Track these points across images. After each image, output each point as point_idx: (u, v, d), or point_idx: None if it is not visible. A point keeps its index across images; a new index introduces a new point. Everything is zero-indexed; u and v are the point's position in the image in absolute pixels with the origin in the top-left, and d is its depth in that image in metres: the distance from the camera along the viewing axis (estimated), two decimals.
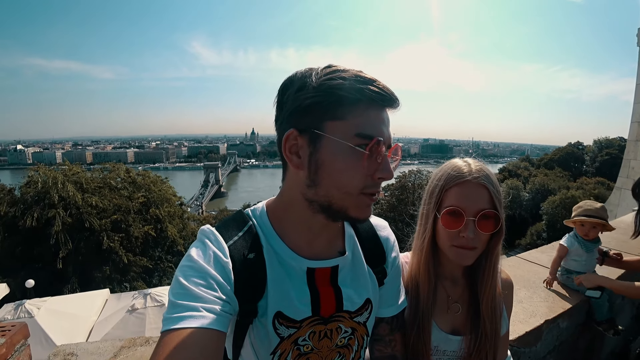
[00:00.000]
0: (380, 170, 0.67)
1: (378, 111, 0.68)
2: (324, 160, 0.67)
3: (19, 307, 6.23)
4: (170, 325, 0.58)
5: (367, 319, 0.85)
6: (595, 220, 2.33)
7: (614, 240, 3.56)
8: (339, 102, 0.65)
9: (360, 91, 0.65)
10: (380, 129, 0.67)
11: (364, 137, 0.65)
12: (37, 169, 12.90)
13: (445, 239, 1.00)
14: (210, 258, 0.68)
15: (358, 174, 0.66)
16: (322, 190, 0.69)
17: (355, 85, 0.65)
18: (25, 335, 1.68)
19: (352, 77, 0.66)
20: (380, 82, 0.67)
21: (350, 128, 0.65)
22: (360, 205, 0.70)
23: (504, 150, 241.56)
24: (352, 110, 0.65)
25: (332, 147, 0.66)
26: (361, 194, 0.68)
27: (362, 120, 0.65)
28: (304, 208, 0.73)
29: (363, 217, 0.72)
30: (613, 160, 35.50)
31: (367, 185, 0.68)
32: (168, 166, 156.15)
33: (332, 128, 0.66)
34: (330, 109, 0.65)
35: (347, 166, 0.66)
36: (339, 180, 0.67)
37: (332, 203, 0.69)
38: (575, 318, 2.32)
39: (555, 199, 27.07)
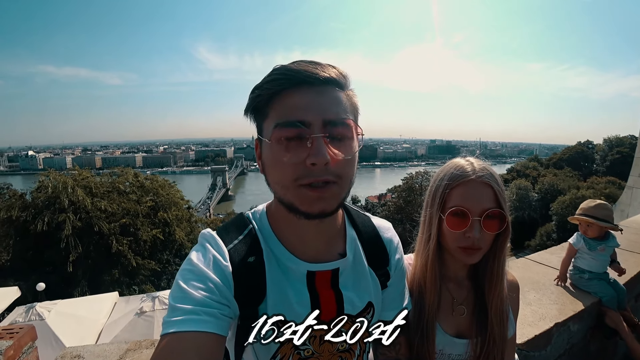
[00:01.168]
0: (310, 156, 0.61)
1: (297, 94, 0.63)
2: (264, 160, 0.69)
3: (30, 310, 6.31)
4: (170, 329, 0.58)
5: None
6: (583, 218, 2.32)
7: (625, 240, 3.48)
8: (259, 101, 0.66)
9: (269, 83, 0.64)
10: (300, 112, 0.62)
11: (282, 127, 0.63)
12: (48, 174, 13.15)
13: (450, 240, 0.97)
14: (210, 262, 0.67)
15: (283, 166, 0.64)
16: (272, 188, 0.70)
17: (267, 79, 0.65)
18: (32, 338, 1.69)
19: (273, 72, 0.66)
20: (300, 65, 0.64)
21: (271, 122, 0.65)
22: (302, 197, 0.64)
23: (511, 151, 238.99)
24: (270, 103, 0.65)
25: (265, 146, 0.67)
26: (300, 187, 0.64)
27: (280, 110, 0.64)
28: (281, 209, 0.73)
29: (313, 211, 0.65)
30: (624, 159, 34.89)
31: (300, 176, 0.63)
32: (176, 170, 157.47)
33: (265, 128, 0.67)
34: (258, 110, 0.68)
35: (274, 161, 0.65)
36: (273, 176, 0.68)
37: (281, 198, 0.69)
38: (587, 321, 2.27)
39: (565, 199, 26.65)
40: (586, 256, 2.41)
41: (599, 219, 2.28)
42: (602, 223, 2.27)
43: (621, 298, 2.35)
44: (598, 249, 2.39)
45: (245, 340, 0.73)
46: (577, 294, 2.36)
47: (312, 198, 0.64)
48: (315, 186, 0.63)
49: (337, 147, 0.63)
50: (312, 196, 0.64)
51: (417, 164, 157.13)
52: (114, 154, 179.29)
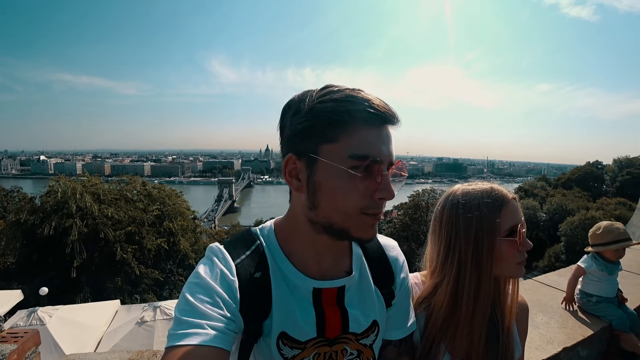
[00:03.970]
0: (380, 190, 0.66)
1: (373, 130, 0.66)
2: (321, 183, 0.67)
3: (31, 314, 6.31)
4: (175, 342, 0.58)
5: (373, 341, 0.82)
6: (634, 242, 2.25)
7: (636, 264, 3.41)
8: (330, 124, 0.65)
9: (350, 112, 0.64)
10: (376, 148, 0.65)
11: (357, 158, 0.64)
12: (58, 179, 13.32)
13: (510, 260, 0.97)
14: (217, 276, 0.68)
15: (355, 196, 0.65)
16: (322, 213, 0.69)
17: (346, 106, 0.65)
18: (36, 343, 1.70)
19: (344, 97, 0.66)
20: (375, 100, 0.66)
21: (344, 150, 0.64)
22: (362, 225, 0.68)
23: (519, 170, 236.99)
24: (344, 131, 0.65)
25: (327, 170, 0.66)
26: (362, 214, 0.67)
27: (355, 141, 0.64)
28: (308, 229, 0.73)
29: (367, 237, 0.70)
30: (634, 180, 34.45)
31: (367, 206, 0.67)
32: (183, 180, 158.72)
33: (326, 151, 0.65)
34: (322, 132, 0.66)
35: (343, 189, 0.65)
36: (337, 203, 0.67)
37: (333, 224, 0.69)
38: (597, 346, 2.20)
39: (574, 219, 26.21)
40: (595, 281, 2.34)
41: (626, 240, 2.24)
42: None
43: (632, 323, 2.27)
44: (617, 272, 2.33)
45: (248, 355, 0.73)
46: (587, 318, 2.29)
47: (369, 225, 0.69)
48: (374, 215, 0.68)
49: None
50: (369, 223, 0.69)
51: (423, 182, 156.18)
52: (123, 162, 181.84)
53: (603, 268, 2.30)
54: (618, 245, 2.23)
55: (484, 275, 0.98)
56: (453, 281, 1.01)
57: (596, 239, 2.32)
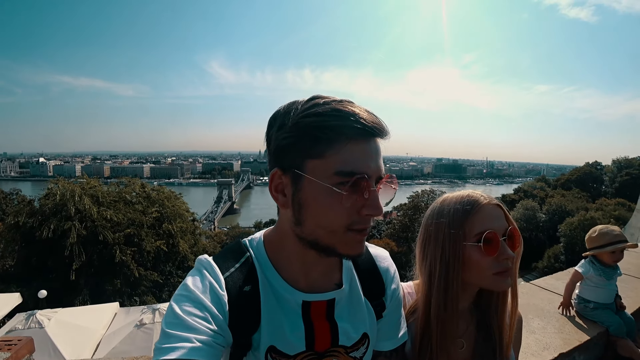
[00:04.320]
0: (368, 207, 0.64)
1: (360, 145, 0.63)
2: (306, 200, 0.65)
3: (30, 317, 6.29)
4: (162, 356, 0.57)
5: (363, 354, 0.82)
6: (629, 245, 2.25)
7: (634, 267, 3.41)
8: (314, 140, 0.63)
9: (335, 128, 0.62)
10: (364, 164, 0.63)
11: (344, 175, 0.62)
12: (57, 181, 13.29)
13: (483, 269, 0.93)
14: (207, 289, 0.67)
15: (340, 213, 0.64)
16: (308, 229, 0.67)
17: (331, 121, 0.62)
18: (30, 350, 1.69)
19: (329, 111, 0.63)
20: (362, 113, 0.64)
21: (329, 166, 0.62)
22: (348, 242, 0.67)
23: (518, 170, 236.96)
24: (329, 147, 0.62)
25: (313, 187, 0.64)
26: (348, 231, 0.66)
27: (342, 157, 0.62)
28: (295, 243, 0.72)
29: (354, 253, 0.69)
30: (634, 181, 34.47)
31: (353, 222, 0.65)
32: (182, 182, 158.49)
33: (312, 167, 0.63)
34: (307, 148, 0.63)
35: (329, 206, 0.64)
36: (322, 220, 0.65)
37: (319, 241, 0.67)
38: (593, 351, 2.20)
39: (573, 220, 26.20)
40: (593, 286, 2.33)
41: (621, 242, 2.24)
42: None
43: (629, 328, 2.27)
44: (615, 277, 2.33)
45: None
46: (583, 323, 2.29)
47: (356, 241, 0.68)
48: (360, 231, 0.67)
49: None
50: (356, 240, 0.68)
51: (423, 182, 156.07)
52: (123, 163, 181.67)
53: (601, 273, 2.29)
54: (613, 247, 2.23)
55: (450, 282, 0.95)
56: (426, 289, 1.01)
57: (592, 242, 2.31)
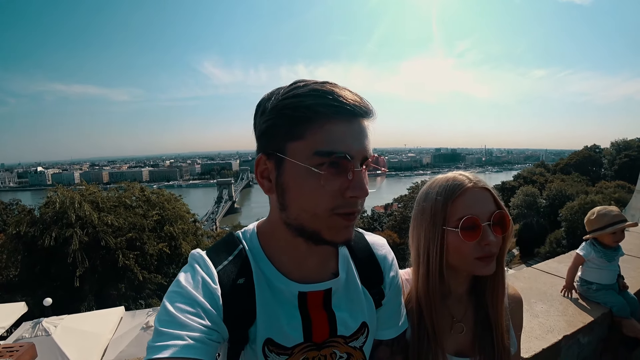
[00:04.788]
0: (352, 188, 0.62)
1: (341, 125, 0.62)
2: (288, 184, 0.64)
3: (36, 326, 6.32)
4: (154, 354, 0.56)
5: (363, 343, 0.81)
6: (629, 224, 2.24)
7: (636, 247, 3.41)
8: (294, 121, 0.62)
9: (312, 107, 0.61)
10: (345, 144, 0.61)
11: (323, 155, 0.61)
12: (56, 189, 13.30)
13: (464, 254, 0.93)
14: (199, 284, 0.66)
15: (322, 195, 0.62)
16: (292, 214, 0.66)
17: (308, 101, 0.61)
18: (32, 356, 1.69)
19: (307, 92, 0.62)
20: (342, 92, 0.63)
21: (309, 147, 0.61)
22: (333, 227, 0.65)
23: (517, 157, 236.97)
24: (309, 128, 0.61)
25: (294, 169, 0.63)
26: (333, 215, 0.63)
27: (321, 136, 0.61)
28: (285, 231, 0.70)
29: (340, 240, 0.67)
30: (632, 162, 34.51)
31: (337, 206, 0.63)
32: (182, 184, 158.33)
33: (293, 149, 0.63)
34: (287, 130, 0.63)
35: (310, 188, 0.62)
36: (304, 203, 0.64)
37: (304, 226, 0.66)
38: (597, 333, 2.21)
39: (573, 204, 26.27)
40: (595, 268, 2.33)
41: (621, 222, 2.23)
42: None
43: (633, 308, 2.27)
44: (617, 258, 2.33)
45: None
46: (586, 305, 2.29)
47: (342, 227, 0.65)
48: (347, 215, 0.64)
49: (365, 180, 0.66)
50: (342, 225, 0.65)
51: (422, 173, 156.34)
52: (121, 168, 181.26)
53: (602, 255, 2.29)
54: (613, 228, 2.22)
55: (431, 267, 0.96)
56: (414, 274, 1.02)
57: (592, 225, 2.31)
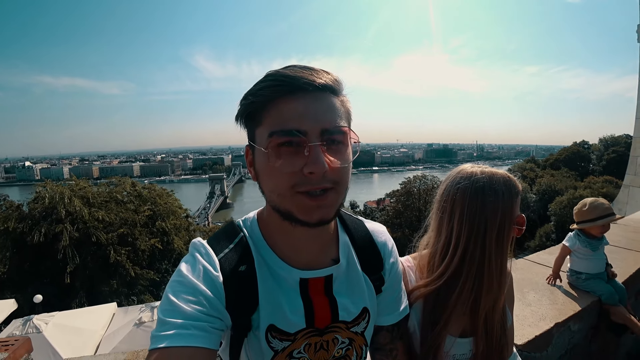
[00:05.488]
0: (308, 164, 0.60)
1: (294, 102, 0.61)
2: (258, 168, 0.68)
3: (27, 323, 6.23)
4: (158, 344, 0.57)
5: (364, 329, 0.82)
6: (618, 217, 2.29)
7: (624, 239, 3.50)
8: (252, 108, 0.65)
9: (263, 89, 0.62)
10: (295, 120, 0.61)
11: (275, 135, 0.61)
12: (45, 184, 13.04)
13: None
14: (200, 273, 0.66)
15: (280, 175, 0.62)
16: (267, 196, 0.69)
17: (259, 85, 0.64)
18: (28, 350, 1.67)
19: (264, 78, 0.65)
20: (296, 71, 0.63)
21: (265, 130, 0.63)
22: (301, 206, 0.64)
23: (508, 152, 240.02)
24: (264, 111, 0.63)
25: (258, 154, 0.66)
26: (297, 194, 0.63)
27: (274, 118, 0.62)
28: (274, 215, 0.71)
29: (310, 220, 0.64)
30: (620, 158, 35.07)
31: (296, 183, 0.62)
32: (174, 179, 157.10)
33: (257, 135, 0.66)
34: (251, 117, 0.66)
35: (269, 169, 0.64)
36: (268, 184, 0.67)
37: (278, 207, 0.67)
38: (587, 320, 2.27)
39: (562, 199, 26.76)
40: (582, 258, 2.39)
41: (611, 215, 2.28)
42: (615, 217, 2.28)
43: (621, 296, 2.34)
44: (601, 247, 2.38)
45: (239, 350, 0.73)
46: (577, 294, 2.35)
47: (311, 207, 0.63)
48: (314, 194, 0.62)
49: (333, 154, 0.63)
50: (311, 205, 0.63)
51: (414, 168, 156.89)
52: (112, 163, 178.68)
53: (586, 245, 2.34)
54: (604, 220, 2.26)
55: (505, 260, 1.02)
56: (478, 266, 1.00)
57: (582, 216, 2.34)
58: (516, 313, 2.02)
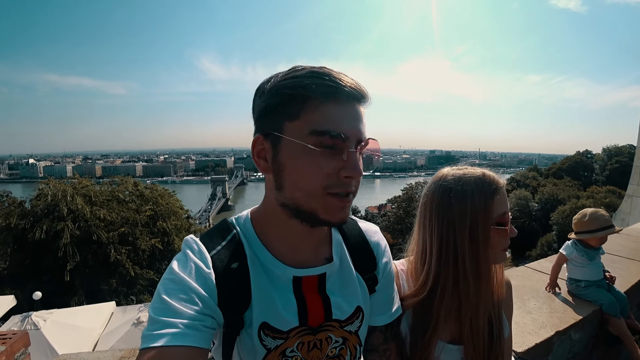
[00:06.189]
0: (346, 168, 0.63)
1: (336, 106, 0.64)
2: (284, 162, 0.65)
3: (25, 319, 6.25)
4: (149, 343, 0.56)
5: (358, 328, 0.81)
6: (617, 229, 2.29)
7: (626, 249, 3.48)
8: (290, 101, 0.63)
9: (309, 87, 0.62)
10: (339, 124, 0.63)
11: (318, 134, 0.62)
12: (48, 182, 13.13)
13: (497, 247, 0.98)
14: (192, 270, 0.65)
15: (316, 173, 0.63)
16: (287, 193, 0.67)
17: (305, 81, 0.63)
18: (25, 344, 1.67)
19: (305, 73, 0.64)
20: (338, 75, 0.65)
21: (305, 126, 0.63)
22: (329, 207, 0.65)
23: (511, 161, 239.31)
24: (304, 107, 0.63)
25: (290, 147, 0.64)
26: (327, 195, 0.64)
27: (317, 116, 0.62)
28: (280, 213, 0.70)
29: (335, 220, 0.67)
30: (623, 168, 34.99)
31: (331, 185, 0.64)
32: (176, 179, 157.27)
33: (289, 128, 0.64)
34: (284, 109, 0.64)
35: (305, 165, 0.63)
36: (299, 181, 0.65)
37: (299, 205, 0.66)
38: (588, 329, 2.25)
39: (565, 208, 26.64)
40: (579, 266, 2.38)
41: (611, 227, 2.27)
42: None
43: (623, 305, 2.32)
44: (598, 256, 2.37)
45: (231, 349, 0.72)
46: (578, 303, 2.33)
47: (337, 207, 0.66)
48: (342, 196, 0.65)
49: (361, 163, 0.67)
50: (338, 206, 0.66)
51: (416, 174, 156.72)
52: (115, 162, 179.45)
53: (583, 254, 2.35)
54: (603, 233, 2.27)
55: (482, 264, 0.97)
56: (453, 271, 0.99)
57: (582, 227, 2.34)
58: (516, 320, 2.01)
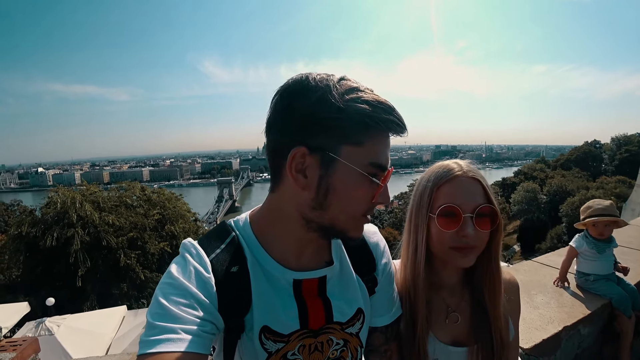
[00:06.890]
0: (382, 196, 0.68)
1: (388, 139, 0.68)
2: (336, 186, 0.65)
3: (39, 325, 6.36)
4: (147, 349, 0.55)
5: (359, 330, 0.82)
6: (607, 218, 2.26)
7: (636, 240, 3.42)
8: (361, 128, 0.63)
9: (383, 121, 0.64)
10: (385, 157, 0.68)
11: (376, 167, 0.66)
12: (57, 190, 13.29)
13: (442, 242, 0.92)
14: (191, 274, 0.64)
15: (366, 201, 0.68)
16: (329, 214, 0.67)
17: (380, 114, 0.64)
18: (35, 350, 1.70)
19: (375, 102, 0.64)
20: (396, 110, 0.67)
21: (366, 155, 0.65)
22: (359, 227, 0.72)
23: (518, 153, 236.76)
24: (370, 137, 0.65)
25: (346, 172, 0.64)
26: (363, 217, 0.70)
27: (377, 148, 0.66)
28: (298, 225, 0.70)
29: (358, 236, 0.74)
30: (633, 157, 34.49)
31: (367, 210, 0.70)
32: (182, 183, 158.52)
33: (348, 153, 0.63)
34: (350, 133, 0.63)
35: (359, 193, 0.66)
36: (349, 206, 0.67)
37: (335, 226, 0.69)
38: (597, 323, 2.22)
39: (574, 200, 26.32)
40: (589, 259, 2.36)
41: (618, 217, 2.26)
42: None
43: (634, 298, 2.28)
44: (608, 250, 2.34)
45: (232, 353, 0.72)
46: (587, 297, 2.30)
47: (362, 226, 0.73)
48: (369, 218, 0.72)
49: None
50: (364, 224, 0.73)
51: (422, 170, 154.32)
52: (122, 168, 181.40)
53: (593, 246, 2.33)
54: (591, 219, 2.29)
55: (419, 253, 0.96)
56: (402, 261, 1.02)
57: (581, 214, 2.39)
58: (523, 316, 1.99)
